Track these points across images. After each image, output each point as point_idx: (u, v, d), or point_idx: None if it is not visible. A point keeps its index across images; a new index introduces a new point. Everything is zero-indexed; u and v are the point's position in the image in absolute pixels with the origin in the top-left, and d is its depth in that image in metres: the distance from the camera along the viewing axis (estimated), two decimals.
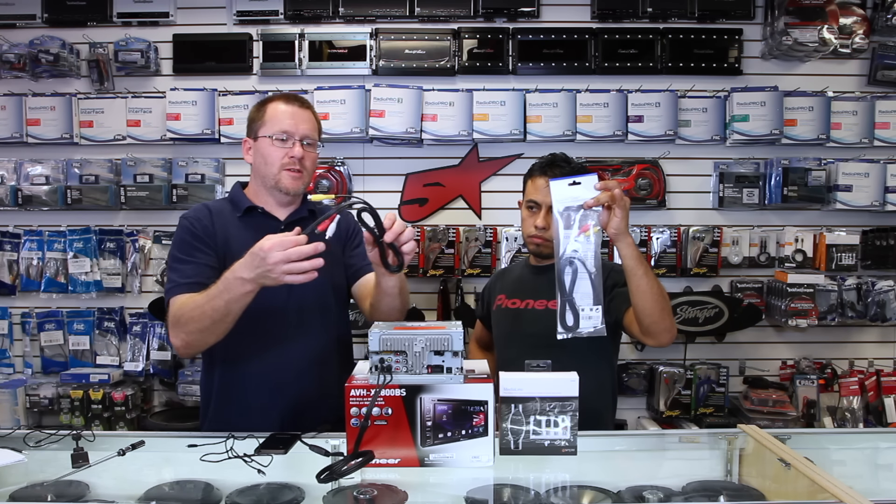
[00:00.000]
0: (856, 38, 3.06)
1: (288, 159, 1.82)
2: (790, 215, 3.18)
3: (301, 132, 1.84)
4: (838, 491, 1.34)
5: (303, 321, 1.86)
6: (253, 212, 1.89)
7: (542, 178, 1.99)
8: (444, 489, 1.46)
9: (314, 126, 1.90)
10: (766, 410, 2.94)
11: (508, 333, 2.09)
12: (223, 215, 1.88)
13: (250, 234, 1.79)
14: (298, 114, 1.85)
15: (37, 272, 3.15)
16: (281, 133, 1.82)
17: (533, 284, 2.08)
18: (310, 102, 1.93)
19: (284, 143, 1.83)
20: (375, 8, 3.11)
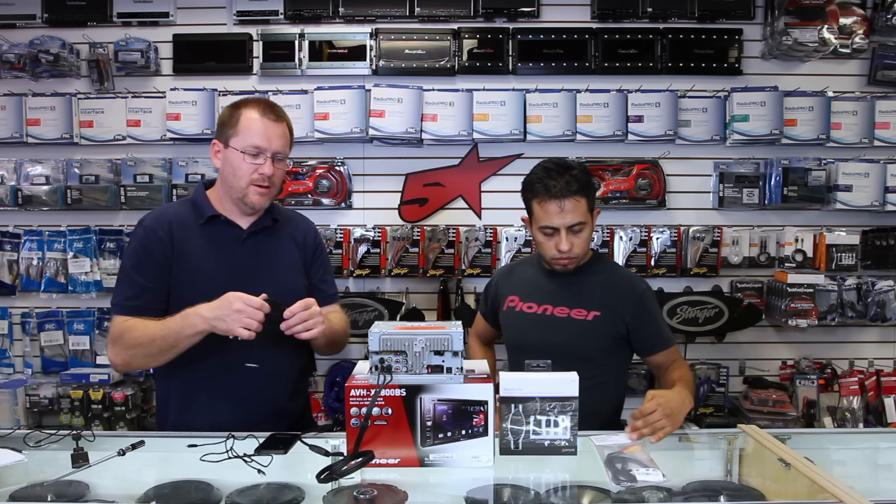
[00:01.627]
0: (856, 38, 3.06)
1: (257, 175, 1.77)
2: (790, 215, 3.18)
3: (273, 148, 1.78)
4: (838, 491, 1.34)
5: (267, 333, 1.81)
6: (216, 220, 1.85)
7: (551, 201, 1.89)
8: (444, 489, 1.46)
9: (287, 140, 1.83)
10: (766, 410, 2.93)
11: (526, 337, 2.04)
12: (184, 224, 1.83)
13: (210, 243, 1.82)
14: (272, 128, 1.78)
15: (37, 272, 3.15)
16: (252, 148, 1.76)
17: (550, 289, 2.03)
18: (283, 112, 1.85)
19: (255, 159, 1.77)
20: (375, 8, 3.11)
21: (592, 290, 1.98)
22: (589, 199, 1.93)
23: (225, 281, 1.75)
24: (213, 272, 1.79)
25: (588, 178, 1.94)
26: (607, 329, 1.96)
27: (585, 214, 1.92)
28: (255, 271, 1.83)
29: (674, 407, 1.67)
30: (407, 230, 3.10)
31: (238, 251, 1.84)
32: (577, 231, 1.92)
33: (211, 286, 1.73)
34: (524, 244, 3.10)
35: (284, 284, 1.86)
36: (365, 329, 2.83)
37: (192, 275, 1.79)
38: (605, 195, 3.09)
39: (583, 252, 1.96)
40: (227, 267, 1.82)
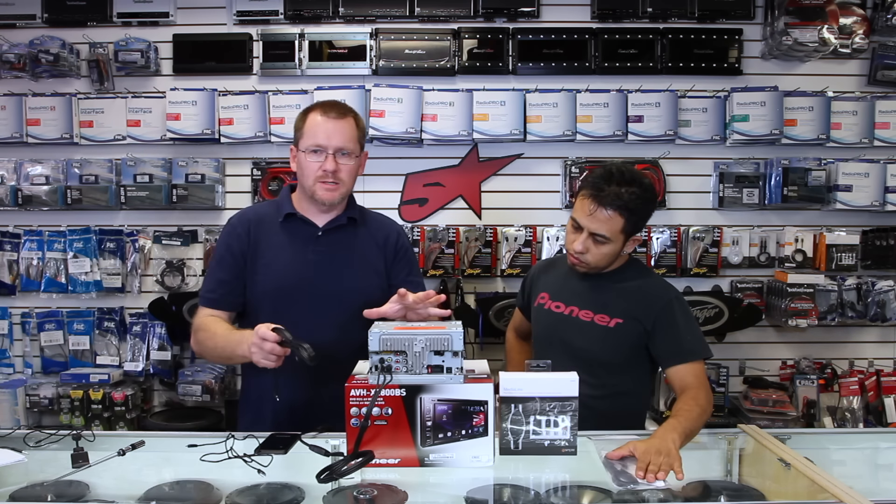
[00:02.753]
0: (856, 38, 3.06)
1: (321, 172, 1.85)
2: (790, 215, 3.18)
3: (334, 145, 1.85)
4: (838, 491, 1.34)
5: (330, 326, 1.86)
6: (293, 218, 1.94)
7: (591, 199, 1.83)
8: (444, 489, 1.46)
9: (351, 136, 1.89)
10: (766, 410, 2.93)
11: (550, 337, 2.02)
12: (265, 222, 1.95)
13: (287, 240, 1.93)
14: (332, 126, 1.86)
15: (37, 272, 3.15)
16: (314, 146, 1.85)
17: (579, 290, 1.99)
18: (351, 110, 1.93)
19: (318, 157, 1.86)
20: (375, 8, 3.11)
21: (619, 297, 1.93)
22: (627, 221, 1.83)
23: (295, 276, 1.88)
24: (284, 267, 1.89)
25: (638, 203, 1.83)
26: (628, 338, 1.90)
27: (614, 232, 1.83)
28: (325, 268, 1.90)
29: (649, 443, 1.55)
30: (407, 230, 3.10)
31: (311, 248, 1.92)
32: (598, 241, 1.86)
33: (281, 280, 1.87)
34: (524, 244, 3.10)
35: (353, 283, 1.92)
36: None
37: (264, 268, 1.89)
38: None
39: (596, 263, 1.90)
40: (298, 262, 1.90)
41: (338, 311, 1.88)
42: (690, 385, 1.80)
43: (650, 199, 1.88)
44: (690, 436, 1.62)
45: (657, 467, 1.44)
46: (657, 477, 1.42)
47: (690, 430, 1.63)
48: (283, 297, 1.87)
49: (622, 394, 1.93)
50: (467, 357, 1.58)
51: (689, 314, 1.93)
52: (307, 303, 1.87)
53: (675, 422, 1.63)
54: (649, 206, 1.89)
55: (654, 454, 1.47)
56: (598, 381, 1.82)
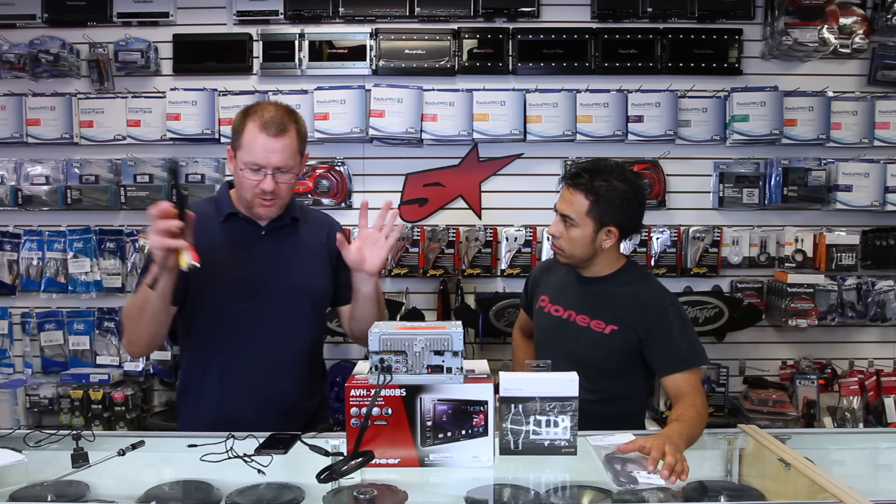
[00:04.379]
0: (856, 38, 3.06)
1: (258, 190, 1.77)
2: (790, 215, 3.18)
3: (273, 164, 1.75)
4: (838, 491, 1.34)
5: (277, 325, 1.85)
6: (234, 217, 1.87)
7: (565, 185, 1.92)
8: (444, 489, 1.46)
9: (291, 152, 1.78)
10: (766, 410, 2.93)
11: (547, 340, 2.04)
12: (205, 219, 1.83)
13: (229, 240, 1.85)
14: (270, 144, 1.74)
15: (37, 272, 3.15)
16: (252, 164, 1.75)
17: (576, 295, 2.00)
18: (292, 120, 1.80)
19: (255, 174, 1.76)
20: (375, 8, 3.11)
21: (614, 304, 1.92)
22: (593, 205, 1.86)
23: (240, 277, 1.82)
24: (231, 268, 1.83)
25: (608, 192, 1.86)
26: (622, 345, 1.90)
27: (580, 214, 1.87)
28: (271, 268, 1.86)
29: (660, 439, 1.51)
30: (407, 230, 3.10)
31: (255, 248, 1.86)
32: (567, 224, 1.90)
33: (227, 281, 1.80)
34: (524, 244, 3.10)
35: (303, 282, 1.89)
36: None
37: (212, 269, 1.79)
38: None
39: (570, 250, 1.91)
40: (243, 263, 1.84)
41: (285, 310, 1.85)
42: (686, 393, 1.79)
43: (627, 195, 1.87)
44: (691, 441, 1.62)
45: (681, 468, 1.41)
46: (681, 478, 1.39)
47: (691, 435, 1.63)
48: (225, 297, 1.82)
49: (619, 398, 1.93)
50: (467, 357, 1.57)
51: (684, 321, 1.91)
52: (252, 303, 1.83)
53: (679, 426, 1.62)
54: (626, 201, 1.87)
55: (670, 451, 1.44)
56: (594, 386, 1.81)
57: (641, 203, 1.93)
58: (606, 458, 1.53)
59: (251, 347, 1.83)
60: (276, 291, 1.85)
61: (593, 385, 1.80)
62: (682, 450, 1.48)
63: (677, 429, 1.60)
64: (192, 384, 1.90)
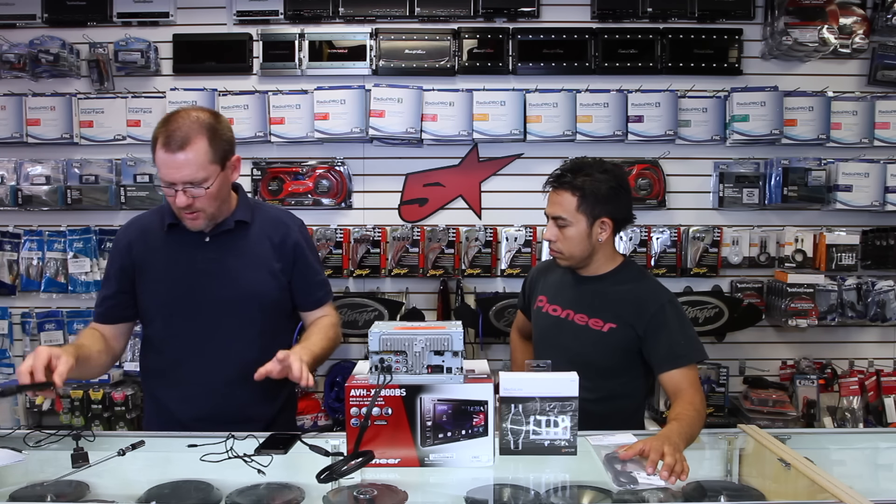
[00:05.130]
0: (856, 38, 3.06)
1: (177, 207, 1.73)
2: (790, 215, 3.18)
3: (181, 180, 1.68)
4: (838, 491, 1.34)
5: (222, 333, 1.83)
6: (176, 228, 1.83)
7: (550, 189, 1.96)
8: (444, 489, 1.46)
9: (197, 165, 1.69)
10: (766, 410, 2.93)
11: (546, 339, 2.04)
12: (149, 232, 1.86)
13: (172, 250, 1.84)
14: (172, 162, 1.68)
15: (37, 272, 3.15)
16: (164, 182, 1.72)
17: (574, 294, 2.01)
18: (197, 131, 1.70)
19: (170, 190, 1.72)
20: (375, 8, 3.11)
21: (612, 302, 1.93)
22: (581, 200, 1.89)
23: (184, 286, 1.81)
24: (173, 278, 1.82)
25: (593, 184, 1.88)
26: (620, 343, 1.91)
27: (570, 212, 1.89)
28: (216, 276, 1.81)
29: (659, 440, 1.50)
30: (407, 230, 3.10)
31: (199, 257, 1.82)
32: (561, 225, 1.92)
33: (170, 292, 1.81)
34: (524, 244, 3.10)
35: (249, 287, 1.84)
36: (365, 329, 2.84)
37: (152, 282, 1.83)
38: None
39: (569, 251, 1.92)
40: (187, 273, 1.81)
41: (234, 317, 1.82)
42: (684, 390, 1.78)
43: (612, 184, 1.90)
44: (691, 440, 1.62)
45: (681, 468, 1.41)
46: (680, 478, 1.39)
47: (690, 434, 1.63)
48: (174, 308, 1.81)
49: (617, 397, 1.93)
50: (467, 357, 1.58)
51: (682, 317, 1.91)
52: (201, 312, 1.80)
53: (677, 425, 1.62)
54: (612, 190, 1.90)
55: (669, 451, 1.44)
56: (592, 385, 1.81)
57: (628, 191, 1.97)
58: (606, 457, 1.54)
59: (198, 357, 1.81)
60: (219, 299, 1.81)
61: (592, 384, 1.80)
62: (681, 449, 1.48)
63: (676, 428, 1.60)
64: (147, 391, 1.94)
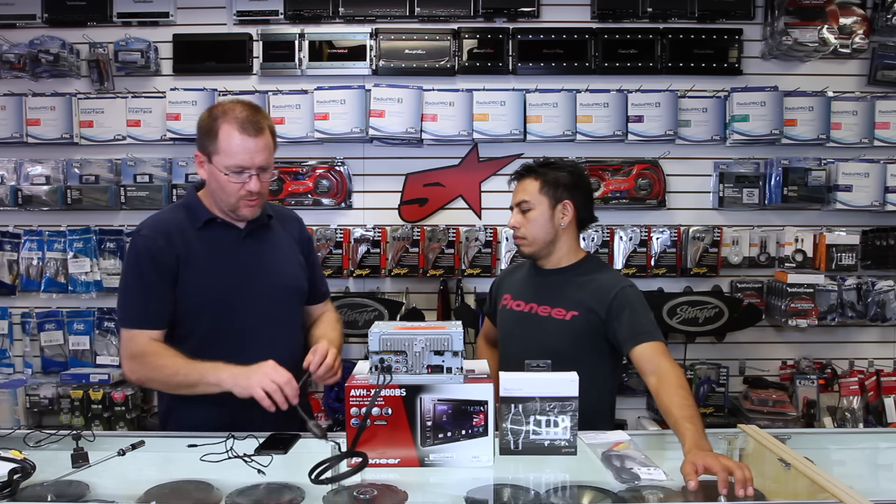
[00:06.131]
0: (856, 38, 3.06)
1: (245, 192, 1.74)
2: (790, 215, 3.18)
3: (257, 164, 1.72)
4: (838, 491, 1.34)
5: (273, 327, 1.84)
6: (212, 223, 1.82)
7: (513, 183, 2.07)
8: (444, 489, 1.46)
9: (269, 150, 1.76)
10: (766, 410, 2.93)
11: (511, 335, 2.06)
12: (181, 229, 1.81)
13: (211, 246, 1.82)
14: (254, 145, 1.71)
15: (37, 272, 3.15)
16: (236, 167, 1.72)
17: (537, 288, 2.05)
18: (264, 117, 1.76)
19: (240, 177, 1.73)
20: (375, 8, 3.11)
21: (574, 291, 1.97)
22: (543, 183, 1.98)
23: (230, 282, 1.80)
24: (217, 275, 1.80)
25: (552, 171, 2.00)
26: (584, 329, 1.92)
27: (533, 194, 1.98)
28: (258, 270, 1.84)
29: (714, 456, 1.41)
30: (407, 230, 3.10)
31: (239, 251, 1.83)
32: (524, 210, 1.99)
33: (217, 289, 1.78)
34: None
35: (289, 281, 1.89)
36: (365, 329, 2.84)
37: (198, 279, 1.79)
38: (605, 195, 3.09)
39: (533, 233, 1.98)
40: (230, 268, 1.81)
41: (275, 308, 1.84)
42: (660, 364, 1.74)
43: (573, 174, 2.01)
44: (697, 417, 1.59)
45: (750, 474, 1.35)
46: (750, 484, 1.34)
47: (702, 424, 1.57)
48: (220, 305, 1.79)
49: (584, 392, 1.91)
50: (467, 357, 1.57)
51: (641, 301, 1.93)
52: (244, 306, 1.80)
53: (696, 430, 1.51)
54: (573, 176, 2.01)
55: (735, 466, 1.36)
56: None
57: (588, 186, 2.09)
58: (604, 455, 1.54)
59: (250, 352, 1.75)
60: (266, 292, 1.83)
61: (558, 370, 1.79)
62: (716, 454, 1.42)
63: (700, 433, 1.50)
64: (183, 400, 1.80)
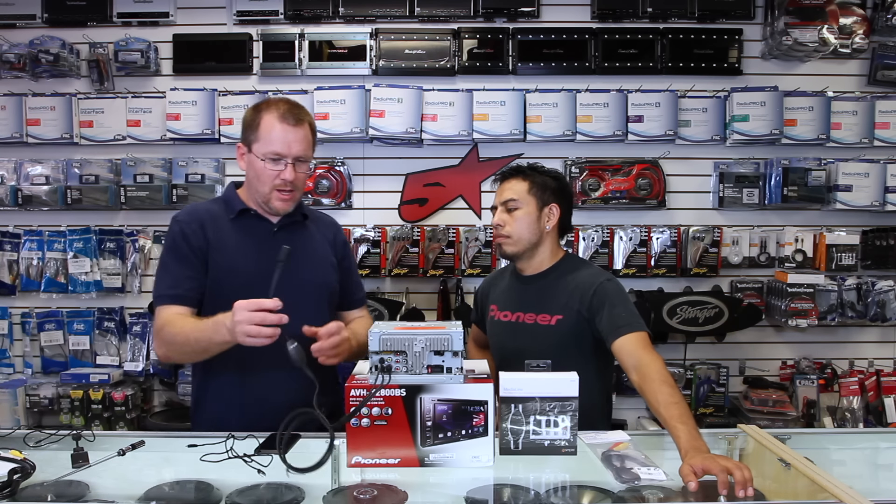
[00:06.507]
0: (856, 38, 3.06)
1: (279, 181, 1.80)
2: (790, 215, 3.18)
3: (294, 153, 1.80)
4: (838, 491, 1.34)
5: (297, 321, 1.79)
6: (246, 214, 1.89)
7: (498, 182, 2.08)
8: (444, 489, 1.46)
9: (308, 143, 1.84)
10: (766, 410, 2.93)
11: (503, 346, 2.07)
12: (216, 219, 1.87)
13: (242, 237, 1.86)
14: (292, 134, 1.79)
15: (37, 272, 3.15)
16: (273, 154, 1.79)
17: (520, 296, 2.05)
18: (306, 113, 1.86)
19: (276, 165, 1.80)
20: (375, 8, 3.11)
21: (556, 294, 1.97)
22: (531, 184, 2.00)
23: (257, 273, 1.80)
24: (245, 265, 1.83)
25: (539, 174, 2.03)
26: (571, 331, 1.93)
27: (521, 193, 1.99)
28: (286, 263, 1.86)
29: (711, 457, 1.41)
30: (407, 230, 3.10)
31: (269, 244, 1.86)
32: (511, 209, 1.99)
33: (244, 278, 1.80)
34: None
35: (317, 278, 1.91)
36: None
37: (226, 267, 1.83)
38: (605, 195, 3.10)
39: (518, 232, 1.98)
40: (259, 259, 1.84)
41: (299, 305, 1.81)
42: (640, 358, 1.72)
43: (558, 180, 2.06)
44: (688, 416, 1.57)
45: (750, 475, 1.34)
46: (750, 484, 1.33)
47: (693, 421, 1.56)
48: (246, 292, 1.75)
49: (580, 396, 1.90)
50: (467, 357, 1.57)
51: (622, 293, 1.93)
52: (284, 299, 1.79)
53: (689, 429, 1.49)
54: (559, 184, 2.05)
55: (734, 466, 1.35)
56: None
57: (571, 194, 2.13)
58: (604, 455, 1.54)
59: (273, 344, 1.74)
60: (293, 286, 1.83)
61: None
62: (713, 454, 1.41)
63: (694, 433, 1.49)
64: (209, 388, 1.87)
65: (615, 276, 2.63)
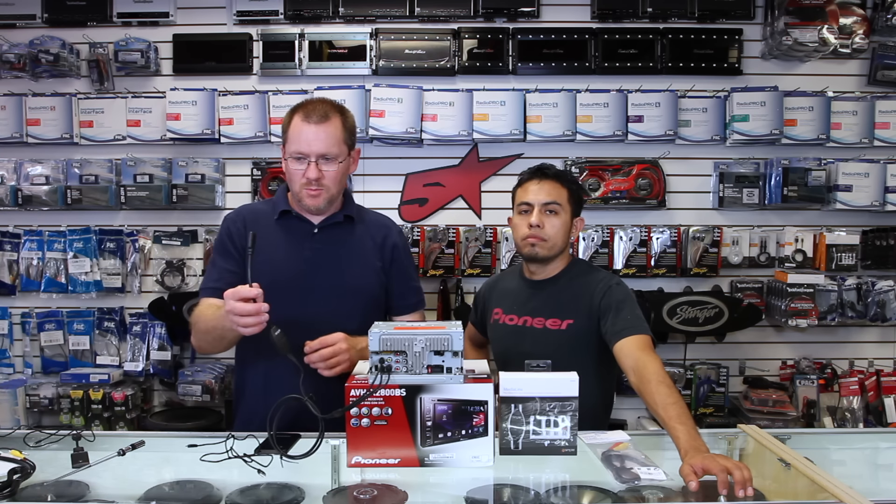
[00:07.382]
0: (856, 38, 3.06)
1: (305, 179, 1.85)
2: (790, 215, 3.18)
3: (316, 151, 1.83)
4: (838, 491, 1.34)
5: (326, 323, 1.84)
6: (288, 215, 1.94)
7: (532, 180, 2.03)
8: (444, 489, 1.46)
9: (334, 139, 1.85)
10: (766, 410, 2.93)
11: (507, 350, 2.06)
12: (260, 219, 1.95)
13: (282, 237, 1.93)
14: (314, 132, 1.83)
15: (37, 272, 3.15)
16: (296, 153, 1.84)
17: (529, 300, 2.05)
18: (336, 111, 1.88)
19: (300, 164, 1.85)
20: (375, 8, 3.11)
21: (566, 299, 1.98)
22: (570, 192, 2.02)
23: (290, 272, 1.88)
24: (282, 264, 1.89)
25: (574, 183, 2.08)
26: (581, 335, 1.94)
27: (563, 200, 2.00)
28: (322, 265, 1.90)
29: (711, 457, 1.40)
30: (407, 230, 3.10)
31: (307, 245, 1.92)
32: (550, 212, 1.98)
33: (276, 276, 1.83)
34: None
35: (353, 281, 1.92)
36: None
37: (260, 265, 1.81)
38: (605, 195, 3.09)
39: (554, 238, 1.98)
40: (295, 259, 1.90)
41: (334, 306, 1.88)
42: (638, 359, 1.73)
43: (580, 188, 2.15)
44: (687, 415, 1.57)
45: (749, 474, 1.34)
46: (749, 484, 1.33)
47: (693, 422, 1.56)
48: (278, 293, 1.80)
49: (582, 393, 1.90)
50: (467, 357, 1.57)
51: (630, 297, 1.94)
52: (303, 299, 1.86)
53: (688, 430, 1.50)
54: (579, 187, 2.14)
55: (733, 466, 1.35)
56: None
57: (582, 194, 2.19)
58: (604, 455, 1.54)
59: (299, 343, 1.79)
60: (324, 288, 1.88)
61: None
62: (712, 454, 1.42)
63: (694, 433, 1.50)
64: (246, 385, 1.95)
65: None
